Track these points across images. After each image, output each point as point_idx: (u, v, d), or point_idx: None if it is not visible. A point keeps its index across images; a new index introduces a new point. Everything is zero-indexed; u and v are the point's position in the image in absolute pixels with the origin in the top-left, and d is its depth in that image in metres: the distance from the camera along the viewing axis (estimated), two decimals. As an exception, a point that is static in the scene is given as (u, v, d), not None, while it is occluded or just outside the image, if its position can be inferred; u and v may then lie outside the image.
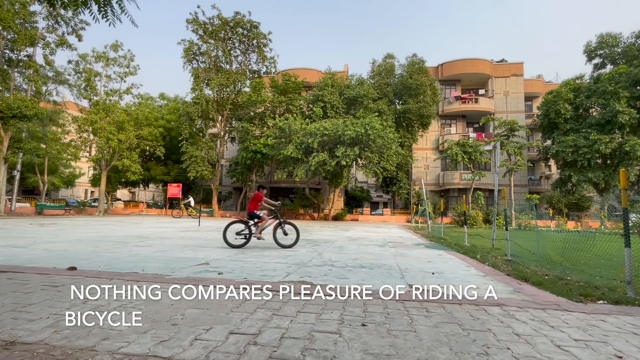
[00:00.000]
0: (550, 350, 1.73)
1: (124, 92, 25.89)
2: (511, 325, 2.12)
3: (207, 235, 9.08)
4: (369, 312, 2.29)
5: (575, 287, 3.45)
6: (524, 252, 6.23)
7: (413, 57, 29.29)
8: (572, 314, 2.42)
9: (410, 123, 28.25)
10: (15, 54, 20.15)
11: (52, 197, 36.00)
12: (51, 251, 5.14)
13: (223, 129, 29.09)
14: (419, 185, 28.28)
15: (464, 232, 9.05)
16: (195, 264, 4.28)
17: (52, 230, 9.28)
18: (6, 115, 18.08)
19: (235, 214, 29.86)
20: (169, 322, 1.97)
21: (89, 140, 25.89)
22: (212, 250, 5.76)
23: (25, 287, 2.70)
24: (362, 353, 1.61)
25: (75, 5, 3.52)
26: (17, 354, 1.49)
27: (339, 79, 27.58)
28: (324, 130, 20.96)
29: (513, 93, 32.06)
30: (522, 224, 17.84)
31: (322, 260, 4.97)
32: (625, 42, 25.90)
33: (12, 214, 20.42)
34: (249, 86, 28.15)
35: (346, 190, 33.71)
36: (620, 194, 3.26)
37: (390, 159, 22.32)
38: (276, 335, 1.80)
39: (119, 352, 1.53)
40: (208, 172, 27.22)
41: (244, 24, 27.27)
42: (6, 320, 1.90)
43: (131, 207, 33.30)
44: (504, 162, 23.59)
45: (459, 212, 21.47)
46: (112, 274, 3.34)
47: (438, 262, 5.11)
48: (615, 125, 22.48)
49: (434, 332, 1.95)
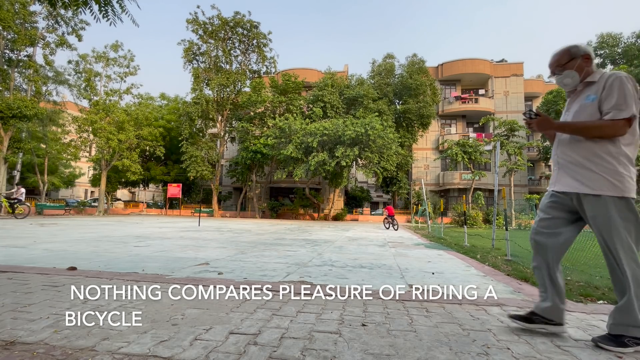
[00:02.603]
0: (551, 351, 1.73)
1: (124, 92, 25.90)
2: (511, 325, 2.12)
3: (207, 235, 9.08)
4: (369, 312, 2.30)
5: (575, 287, 3.45)
6: (524, 252, 6.23)
7: (413, 57, 29.30)
8: (572, 314, 2.42)
9: (410, 123, 28.25)
10: (15, 54, 20.15)
11: (52, 197, 36.03)
12: (51, 251, 5.15)
13: (223, 129, 29.08)
14: (419, 185, 28.28)
15: (464, 232, 9.05)
16: (195, 264, 4.29)
17: (52, 230, 9.28)
18: (6, 115, 18.08)
19: (235, 214, 29.87)
20: (169, 322, 1.97)
21: (89, 140, 25.89)
22: (212, 250, 5.76)
23: (25, 287, 2.71)
24: (362, 353, 1.61)
25: (75, 5, 3.53)
26: (17, 354, 1.49)
27: (338, 79, 27.59)
28: (324, 130, 20.96)
29: (513, 93, 32.06)
30: (522, 224, 17.83)
31: (322, 260, 4.97)
32: (626, 42, 25.92)
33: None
34: (249, 86, 28.16)
35: (346, 190, 33.71)
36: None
37: (390, 159, 22.32)
38: (276, 335, 1.80)
39: (119, 352, 1.54)
40: (208, 172, 27.22)
41: (244, 24, 27.27)
42: (6, 320, 1.90)
43: (131, 207, 33.32)
44: (504, 162, 23.59)
45: (459, 212, 21.47)
46: (112, 274, 3.34)
47: (438, 262, 5.12)
48: (615, 125, 22.49)
49: (434, 332, 1.95)
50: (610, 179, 1.77)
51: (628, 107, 1.73)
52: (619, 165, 1.77)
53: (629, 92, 1.74)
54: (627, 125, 1.74)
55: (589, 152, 1.83)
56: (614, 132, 1.75)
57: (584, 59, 1.91)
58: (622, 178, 1.76)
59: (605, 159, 1.79)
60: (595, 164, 1.81)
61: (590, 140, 1.83)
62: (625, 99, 1.73)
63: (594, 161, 1.82)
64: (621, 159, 1.77)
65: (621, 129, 1.74)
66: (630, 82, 1.77)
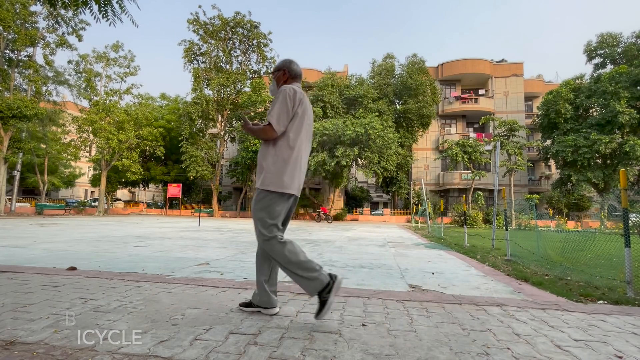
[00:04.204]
0: (550, 350, 1.73)
1: (124, 92, 25.90)
2: (511, 325, 2.12)
3: (207, 235, 9.09)
4: (369, 312, 2.30)
5: (575, 287, 3.45)
6: (524, 252, 6.23)
7: (413, 57, 29.27)
8: (572, 314, 2.42)
9: (410, 123, 28.22)
10: (15, 54, 20.15)
11: (52, 197, 36.02)
12: (51, 251, 5.15)
13: (223, 129, 29.06)
14: (419, 185, 28.28)
15: (464, 232, 9.05)
16: (195, 264, 4.29)
17: (52, 230, 9.28)
18: (6, 115, 18.08)
19: (236, 214, 29.87)
20: (169, 322, 1.97)
21: (89, 140, 25.88)
22: (212, 250, 5.77)
23: (25, 287, 2.71)
24: (362, 353, 1.61)
25: (75, 5, 3.52)
26: (17, 354, 1.49)
27: (338, 79, 27.57)
28: (323, 130, 20.94)
29: (513, 93, 32.03)
30: (522, 224, 17.84)
31: (322, 260, 4.97)
32: (626, 41, 25.88)
33: (12, 214, 20.44)
34: (249, 86, 28.13)
35: (346, 190, 33.70)
36: (620, 194, 3.26)
37: (390, 159, 22.30)
38: (276, 335, 1.80)
39: (119, 352, 1.54)
40: (208, 172, 27.20)
41: (245, 24, 27.26)
42: (6, 320, 1.90)
43: (131, 207, 33.31)
44: (504, 162, 23.58)
45: (459, 212, 21.47)
46: (112, 274, 3.34)
47: (438, 262, 5.11)
48: (615, 125, 22.44)
49: (434, 332, 1.95)
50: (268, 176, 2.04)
51: (273, 116, 2.01)
52: (271, 165, 2.05)
53: (282, 104, 2.03)
54: (272, 130, 2.01)
55: (265, 152, 2.11)
56: (266, 135, 2.04)
57: (283, 73, 2.24)
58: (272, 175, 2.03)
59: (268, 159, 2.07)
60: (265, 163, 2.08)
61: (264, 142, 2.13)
62: (273, 109, 2.04)
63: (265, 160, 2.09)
64: (275, 159, 2.05)
65: (269, 133, 2.03)
66: (289, 95, 2.05)
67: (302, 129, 2.12)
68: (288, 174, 2.04)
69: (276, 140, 2.07)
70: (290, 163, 2.06)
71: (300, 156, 2.12)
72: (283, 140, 2.06)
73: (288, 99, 2.04)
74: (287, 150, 2.06)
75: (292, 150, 2.07)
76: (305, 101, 2.15)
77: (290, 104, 2.05)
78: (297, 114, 2.09)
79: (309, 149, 2.26)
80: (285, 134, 2.07)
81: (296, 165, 2.09)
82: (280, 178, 2.03)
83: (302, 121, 2.12)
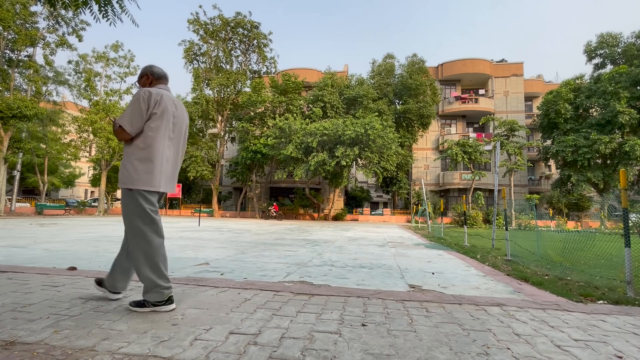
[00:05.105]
0: (550, 350, 1.73)
1: (124, 92, 25.88)
2: (511, 325, 2.12)
3: (207, 235, 9.09)
4: (368, 312, 2.30)
5: (575, 287, 3.45)
6: (524, 252, 6.23)
7: (413, 57, 29.27)
8: (572, 314, 2.42)
9: (410, 123, 28.23)
10: (15, 54, 20.14)
11: (52, 197, 36.01)
12: (51, 251, 5.15)
13: (223, 129, 29.06)
14: (419, 185, 28.29)
15: (464, 232, 9.05)
16: (195, 264, 4.29)
17: (52, 230, 9.28)
18: (6, 115, 18.07)
19: (236, 214, 29.88)
20: (169, 322, 1.97)
21: (89, 140, 25.87)
22: (211, 250, 5.77)
23: (25, 287, 2.71)
24: (362, 353, 1.61)
25: (75, 6, 3.52)
26: (17, 354, 1.49)
27: (338, 79, 27.56)
28: (323, 130, 20.94)
29: (513, 93, 32.02)
30: (522, 224, 17.84)
31: (322, 260, 4.97)
32: (626, 42, 25.87)
33: (12, 214, 20.44)
34: (249, 86, 28.13)
35: (346, 190, 33.69)
36: (620, 194, 3.26)
37: (390, 159, 22.29)
38: (276, 335, 1.80)
39: (119, 352, 1.53)
40: (208, 172, 27.19)
41: (245, 24, 27.26)
42: (6, 320, 1.90)
43: (131, 207, 33.24)
44: (504, 162, 23.58)
45: (459, 212, 21.47)
46: (112, 274, 3.33)
47: (438, 262, 5.11)
48: (615, 125, 22.44)
49: (434, 332, 1.95)
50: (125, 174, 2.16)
51: (124, 119, 2.13)
52: (128, 163, 2.17)
53: (134, 106, 2.14)
54: (124, 132, 2.13)
55: (125, 152, 2.23)
56: (119, 136, 2.17)
57: (147, 77, 2.36)
58: (128, 173, 2.14)
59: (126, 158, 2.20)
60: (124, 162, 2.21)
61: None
62: (126, 112, 2.15)
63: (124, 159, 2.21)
64: (130, 158, 2.17)
65: (120, 135, 2.15)
66: (142, 98, 2.15)
67: (161, 127, 2.20)
68: (145, 171, 2.15)
69: (132, 140, 2.18)
70: (149, 161, 2.16)
71: (163, 153, 2.21)
72: (139, 140, 2.17)
73: (142, 101, 2.15)
74: (143, 149, 2.16)
75: (151, 148, 2.17)
76: (164, 101, 2.22)
77: (144, 105, 2.15)
78: (155, 114, 2.18)
79: (179, 145, 2.37)
80: (142, 133, 2.17)
81: (155, 163, 2.18)
82: (139, 175, 2.15)
83: (161, 120, 2.20)
